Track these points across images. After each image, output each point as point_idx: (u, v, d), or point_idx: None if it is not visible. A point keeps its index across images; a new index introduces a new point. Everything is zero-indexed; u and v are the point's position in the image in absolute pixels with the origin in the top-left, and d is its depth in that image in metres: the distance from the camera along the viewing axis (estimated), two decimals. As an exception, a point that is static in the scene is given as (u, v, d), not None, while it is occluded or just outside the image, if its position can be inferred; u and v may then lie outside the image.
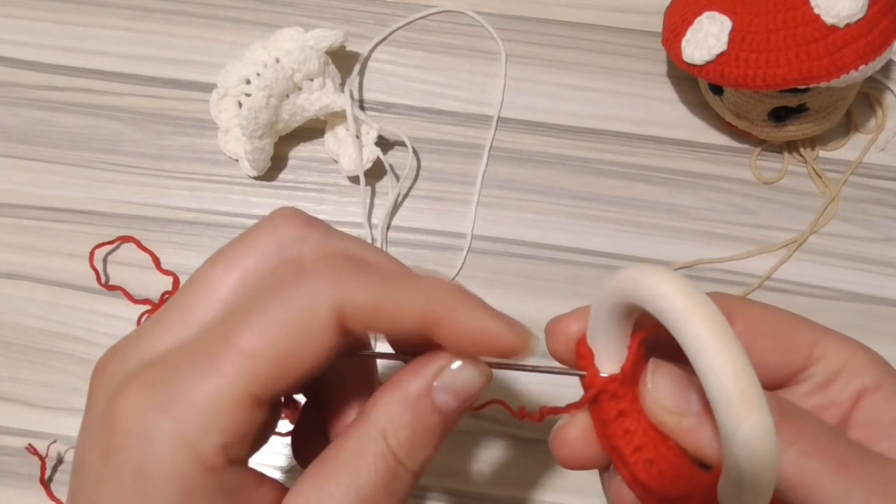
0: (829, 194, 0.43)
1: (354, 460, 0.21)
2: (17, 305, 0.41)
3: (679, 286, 0.19)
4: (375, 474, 0.21)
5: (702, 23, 0.39)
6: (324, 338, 0.20)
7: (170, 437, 0.19)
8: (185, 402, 0.19)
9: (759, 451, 0.18)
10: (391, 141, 0.44)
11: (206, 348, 0.20)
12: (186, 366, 0.20)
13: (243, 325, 0.20)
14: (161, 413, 0.19)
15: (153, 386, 0.19)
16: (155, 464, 0.19)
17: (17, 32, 0.46)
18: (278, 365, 0.20)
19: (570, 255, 0.42)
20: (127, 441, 0.19)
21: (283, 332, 0.20)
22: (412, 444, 0.21)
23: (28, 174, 0.43)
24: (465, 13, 0.46)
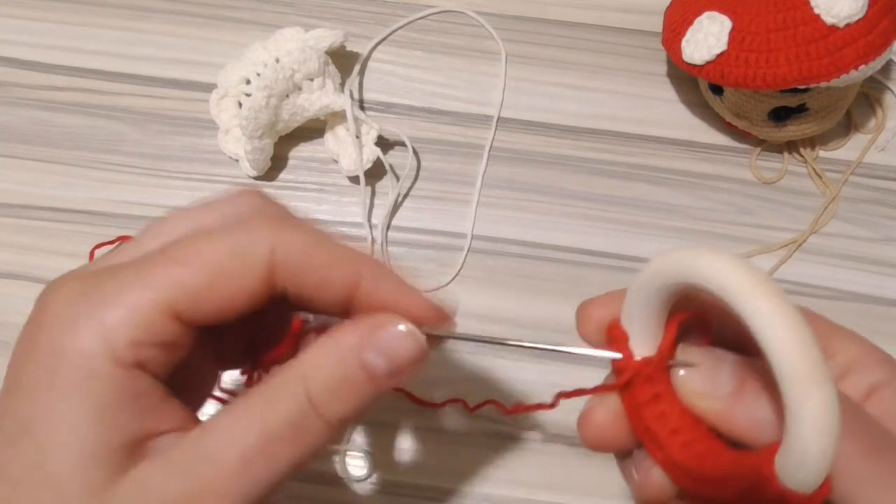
0: (829, 194, 0.43)
1: (271, 398, 0.21)
2: (17, 305, 0.41)
3: (741, 265, 0.19)
4: (286, 412, 0.21)
5: (702, 23, 0.39)
6: (253, 272, 0.21)
7: (87, 322, 0.20)
8: (109, 297, 0.20)
9: (825, 425, 0.18)
10: (391, 141, 0.44)
11: (142, 260, 0.21)
12: (120, 271, 0.21)
13: (181, 245, 0.21)
14: (85, 301, 0.20)
15: (85, 281, 0.21)
16: (68, 343, 0.20)
17: (17, 32, 0.46)
18: (204, 284, 0.20)
19: (570, 255, 0.42)
20: (50, 321, 0.20)
21: (215, 256, 0.21)
22: (330, 392, 0.21)
23: (28, 174, 0.43)
24: (465, 13, 0.46)
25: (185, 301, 0.20)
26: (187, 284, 0.20)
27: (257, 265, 0.21)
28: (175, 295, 0.20)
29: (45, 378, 0.20)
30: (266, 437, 0.20)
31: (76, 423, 0.20)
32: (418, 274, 0.23)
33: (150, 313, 0.20)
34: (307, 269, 0.21)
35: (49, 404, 0.20)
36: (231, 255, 0.21)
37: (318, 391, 0.21)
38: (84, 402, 0.20)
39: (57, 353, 0.20)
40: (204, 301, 0.21)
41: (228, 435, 0.20)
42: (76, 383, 0.20)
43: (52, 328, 0.20)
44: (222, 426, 0.21)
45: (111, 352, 0.20)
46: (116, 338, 0.20)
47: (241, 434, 0.20)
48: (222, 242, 0.21)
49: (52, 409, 0.20)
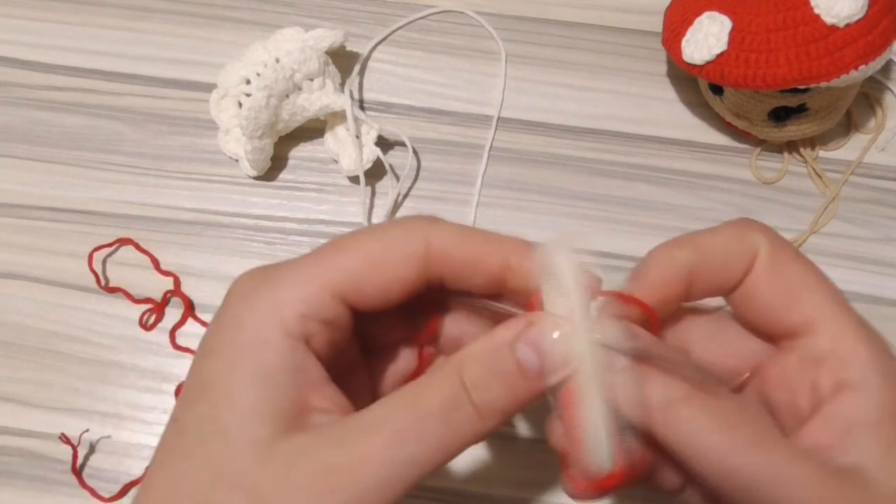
0: (829, 194, 0.43)
1: (427, 384, 0.22)
2: (17, 305, 0.41)
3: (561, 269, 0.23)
4: (440, 396, 0.22)
5: (702, 23, 0.39)
6: (410, 259, 0.23)
7: (263, 298, 0.23)
8: (284, 279, 0.23)
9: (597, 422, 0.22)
10: (391, 141, 0.44)
11: (313, 252, 0.24)
12: (294, 260, 0.24)
13: (346, 238, 0.24)
14: (264, 282, 0.23)
15: (265, 270, 0.24)
16: (246, 315, 0.22)
17: (17, 32, 0.46)
18: (366, 270, 0.23)
19: (570, 255, 0.42)
20: (233, 300, 0.23)
21: (375, 245, 0.23)
22: (483, 380, 0.22)
23: (28, 174, 0.43)
24: (465, 13, 0.46)
25: (348, 284, 0.23)
26: (351, 270, 0.23)
27: (413, 253, 0.23)
28: (339, 278, 0.23)
29: (224, 345, 0.22)
30: (419, 417, 0.22)
31: (246, 382, 0.22)
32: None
33: (316, 292, 0.23)
34: (460, 253, 0.24)
35: (225, 366, 0.22)
36: (391, 244, 0.23)
37: (472, 378, 0.22)
38: (255, 366, 0.22)
39: (236, 324, 0.22)
40: (366, 285, 0.23)
41: (384, 412, 0.22)
42: (250, 349, 0.22)
43: (234, 304, 0.23)
44: (379, 407, 0.22)
45: (281, 323, 0.22)
46: (287, 311, 0.22)
47: (395, 413, 0.22)
48: (382, 234, 0.24)
49: (226, 371, 0.22)
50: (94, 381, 0.40)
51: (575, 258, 0.23)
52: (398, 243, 0.23)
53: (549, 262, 0.23)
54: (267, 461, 0.21)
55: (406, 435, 0.21)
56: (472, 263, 0.24)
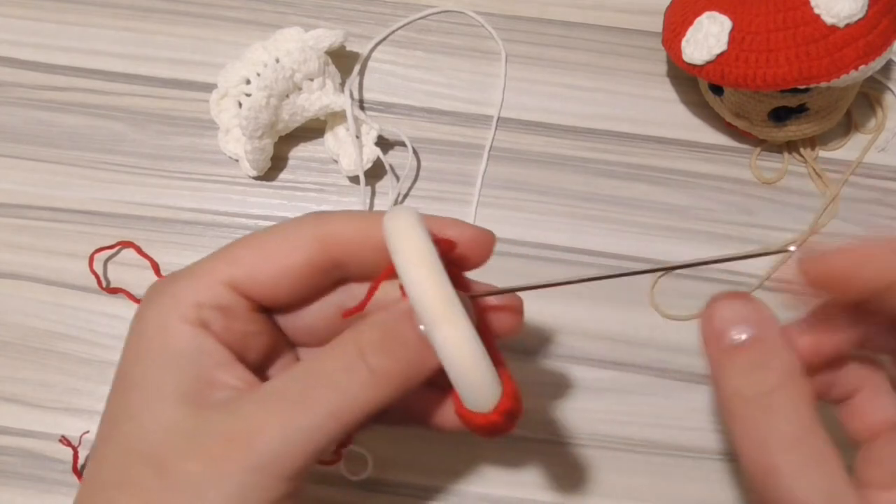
0: (829, 194, 0.43)
1: (323, 351, 0.24)
2: (17, 305, 0.41)
3: (392, 219, 0.23)
4: (332, 356, 0.23)
5: (702, 23, 0.39)
6: (298, 246, 0.25)
7: (163, 294, 0.25)
8: (180, 276, 0.25)
9: (458, 353, 0.22)
10: (391, 141, 0.44)
11: (211, 253, 0.26)
12: (195, 262, 0.26)
13: (242, 238, 0.26)
14: (166, 282, 0.25)
15: (173, 272, 0.26)
16: (149, 312, 0.25)
17: (17, 32, 0.46)
18: (257, 260, 0.25)
19: (571, 255, 0.42)
20: (143, 302, 0.25)
21: (266, 239, 0.25)
22: (379, 344, 0.23)
23: (28, 174, 0.43)
24: (465, 13, 0.46)
25: (240, 273, 0.25)
26: (242, 261, 0.25)
27: (301, 239, 0.25)
28: (231, 269, 0.25)
29: (133, 341, 0.25)
30: (313, 381, 0.23)
31: (149, 367, 0.24)
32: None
33: (209, 282, 0.25)
34: (348, 233, 0.25)
35: (133, 356, 0.24)
36: (280, 234, 0.25)
37: (370, 342, 0.23)
38: (157, 352, 0.24)
39: (142, 320, 0.25)
40: (257, 273, 0.25)
41: (280, 383, 0.23)
42: (152, 338, 0.24)
43: (142, 305, 0.25)
44: (278, 378, 0.24)
45: (179, 312, 0.24)
46: (183, 302, 0.24)
47: (290, 382, 0.23)
48: (274, 228, 0.25)
49: (134, 360, 0.24)
50: (94, 381, 0.40)
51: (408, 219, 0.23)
52: (288, 234, 0.25)
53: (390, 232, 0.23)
54: (171, 435, 0.23)
55: (295, 403, 0.22)
56: (360, 237, 0.25)
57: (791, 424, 0.22)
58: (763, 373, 0.23)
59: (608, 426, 0.39)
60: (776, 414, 0.22)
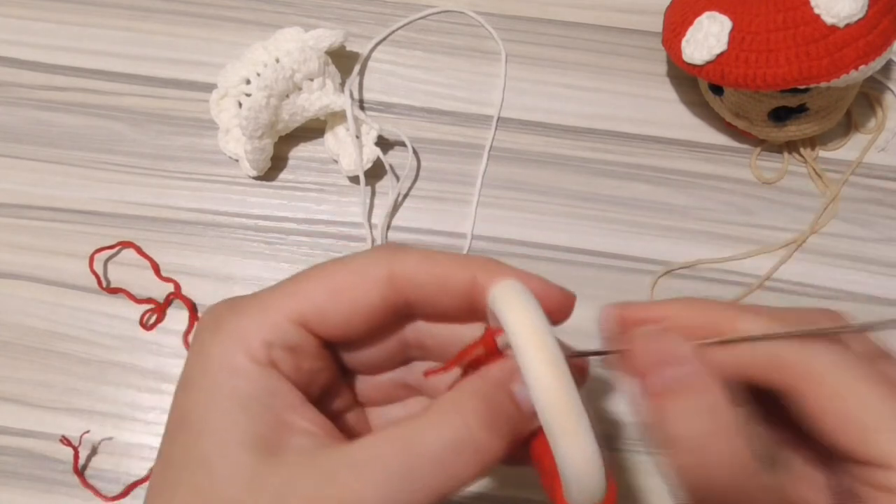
0: (829, 194, 0.43)
1: (424, 421, 0.22)
2: (17, 305, 0.41)
3: (522, 320, 0.22)
4: (437, 427, 0.22)
5: (702, 23, 0.39)
6: (372, 286, 0.23)
7: (228, 328, 0.23)
8: (247, 309, 0.23)
9: (582, 469, 0.21)
10: (391, 141, 0.44)
11: (278, 283, 0.24)
12: (260, 292, 0.24)
13: (311, 269, 0.24)
14: (229, 313, 0.23)
15: (230, 301, 0.24)
16: (214, 346, 0.23)
17: (17, 32, 0.46)
18: (328, 297, 0.23)
19: (571, 255, 0.42)
20: (202, 332, 0.24)
21: (338, 274, 0.24)
22: (484, 418, 0.22)
23: (28, 174, 0.43)
24: (465, 13, 0.46)
25: (310, 311, 0.23)
26: (312, 297, 0.23)
27: (376, 278, 0.24)
28: (301, 306, 0.23)
29: (196, 376, 0.23)
30: (417, 455, 0.21)
31: (221, 410, 0.22)
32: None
33: (278, 319, 0.23)
34: (424, 273, 0.24)
35: (199, 396, 0.23)
36: (353, 271, 0.24)
37: (471, 415, 0.22)
38: (228, 394, 0.22)
39: (205, 355, 0.23)
40: (328, 311, 0.23)
41: (376, 450, 0.21)
42: (221, 378, 0.22)
43: (202, 336, 0.23)
44: (372, 442, 0.22)
45: (247, 350, 0.23)
46: (251, 339, 0.23)
47: (388, 452, 0.21)
48: (345, 263, 0.24)
49: (202, 401, 0.22)
50: (94, 381, 0.40)
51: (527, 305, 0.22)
52: (360, 270, 0.24)
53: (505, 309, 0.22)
54: (254, 489, 0.21)
55: (398, 477, 0.21)
56: (437, 282, 0.24)
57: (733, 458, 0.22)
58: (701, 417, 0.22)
59: (608, 426, 0.39)
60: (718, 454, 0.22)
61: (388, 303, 0.24)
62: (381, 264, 0.24)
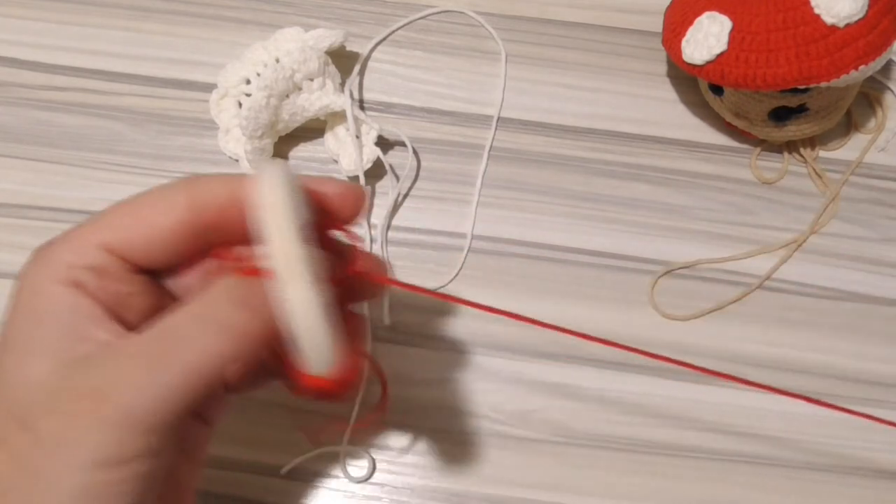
0: (829, 194, 0.43)
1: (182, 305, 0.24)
2: (17, 305, 0.41)
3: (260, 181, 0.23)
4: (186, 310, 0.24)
5: (702, 23, 0.39)
6: (170, 206, 0.25)
7: (39, 256, 0.25)
8: (56, 240, 0.26)
9: (304, 313, 0.22)
10: (391, 141, 0.44)
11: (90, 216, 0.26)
12: (69, 229, 0.26)
13: (116, 203, 0.26)
14: (43, 245, 0.26)
15: (48, 241, 0.26)
16: (25, 275, 0.25)
17: (17, 32, 0.46)
18: (129, 221, 0.25)
19: (571, 255, 0.42)
20: (19, 275, 0.25)
21: (139, 200, 0.26)
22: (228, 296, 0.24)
23: (28, 174, 0.43)
24: (465, 13, 0.46)
25: (113, 234, 0.25)
26: (115, 222, 0.25)
27: (174, 202, 0.25)
28: (104, 230, 0.25)
29: (9, 304, 0.25)
30: (168, 335, 0.23)
31: (20, 326, 0.24)
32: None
33: (83, 244, 0.25)
34: (219, 193, 0.25)
35: (8, 320, 0.25)
36: (152, 197, 0.26)
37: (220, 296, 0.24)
38: (28, 311, 0.25)
39: (18, 285, 0.25)
40: (131, 233, 0.25)
41: (139, 337, 0.24)
42: (25, 298, 0.25)
43: (19, 272, 0.26)
44: (138, 333, 0.24)
45: (52, 273, 0.25)
46: (56, 263, 0.25)
47: (148, 336, 0.24)
48: (147, 192, 0.26)
49: (8, 323, 0.25)
50: (94, 381, 0.40)
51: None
52: (159, 194, 0.26)
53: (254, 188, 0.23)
54: (35, 391, 0.23)
55: (151, 358, 0.23)
56: (231, 201, 0.25)
57: None
58: None
59: (608, 426, 0.39)
60: None
61: (188, 225, 0.25)
62: (179, 190, 0.26)
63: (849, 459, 0.39)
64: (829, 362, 0.40)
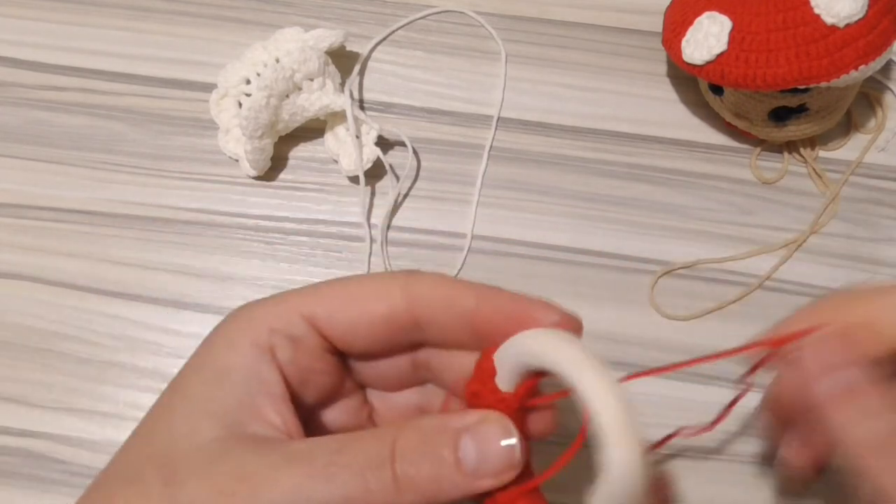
0: (829, 194, 0.43)
1: (362, 433, 0.23)
2: (17, 305, 0.41)
3: (568, 346, 0.23)
4: (364, 447, 0.22)
5: (702, 23, 0.39)
6: (383, 296, 0.25)
7: (243, 313, 0.25)
8: (266, 301, 0.25)
9: (628, 470, 0.22)
10: (391, 141, 0.44)
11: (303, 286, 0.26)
12: (279, 294, 0.26)
13: (331, 280, 0.26)
14: (250, 304, 0.26)
15: (256, 300, 0.26)
16: (222, 328, 0.25)
17: (17, 32, 0.46)
18: (339, 300, 0.25)
19: (571, 255, 0.42)
20: (224, 318, 0.25)
21: (352, 283, 0.25)
22: (412, 453, 0.22)
23: (28, 174, 0.43)
24: (465, 13, 0.46)
25: (320, 309, 0.25)
26: (325, 298, 0.25)
27: (388, 291, 0.25)
28: (313, 303, 0.25)
29: (198, 352, 0.25)
30: (336, 462, 0.22)
31: (202, 378, 0.24)
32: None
33: (288, 311, 0.25)
34: (433, 293, 0.25)
35: (193, 365, 0.25)
36: (367, 282, 0.25)
37: (402, 446, 0.22)
38: (216, 365, 0.24)
39: (213, 335, 0.25)
40: (337, 312, 0.25)
41: (311, 447, 0.23)
42: (216, 352, 0.24)
43: (218, 324, 0.25)
44: (313, 441, 0.23)
45: (251, 333, 0.24)
46: (258, 324, 0.24)
47: (319, 451, 0.22)
48: (363, 276, 0.26)
49: (193, 369, 0.25)
50: (94, 381, 0.40)
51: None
52: (375, 281, 0.25)
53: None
54: (194, 452, 0.23)
55: (318, 474, 0.22)
56: (444, 301, 0.25)
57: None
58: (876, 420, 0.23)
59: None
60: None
61: (398, 316, 0.25)
62: (396, 279, 0.25)
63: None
64: (829, 362, 0.40)
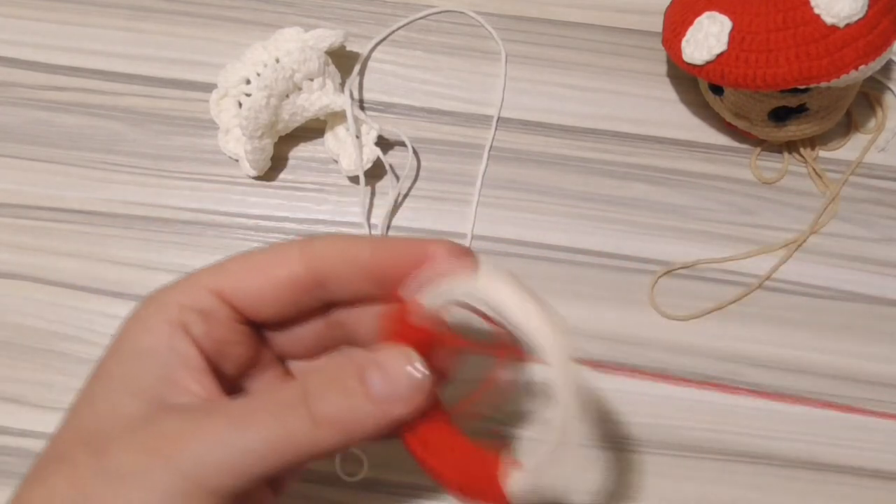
0: (829, 194, 0.43)
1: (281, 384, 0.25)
2: (17, 305, 0.41)
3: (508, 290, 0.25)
4: (283, 388, 0.24)
5: (702, 23, 0.39)
6: (285, 261, 0.26)
7: (155, 296, 0.26)
8: (176, 282, 0.26)
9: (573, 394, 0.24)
10: (391, 141, 0.44)
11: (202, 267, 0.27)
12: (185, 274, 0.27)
13: (234, 255, 0.27)
14: (159, 291, 0.26)
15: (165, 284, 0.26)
16: (135, 316, 0.26)
17: (17, 32, 0.46)
18: (244, 271, 0.26)
19: (570, 255, 0.42)
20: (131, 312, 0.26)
21: (256, 254, 0.26)
22: (321, 389, 0.23)
23: (28, 174, 0.43)
24: (465, 13, 0.46)
25: (227, 282, 0.26)
26: (229, 271, 0.26)
27: (288, 257, 0.26)
28: (217, 278, 0.26)
29: (116, 337, 0.26)
30: (258, 407, 0.23)
31: (119, 360, 0.25)
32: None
33: (196, 287, 0.26)
34: (331, 252, 0.26)
35: (111, 351, 0.25)
36: (268, 252, 0.26)
37: (313, 384, 0.23)
38: (130, 346, 0.25)
39: (128, 320, 0.26)
40: (243, 283, 0.26)
41: (233, 401, 0.24)
42: (131, 334, 0.25)
43: (132, 309, 0.26)
44: (233, 399, 0.24)
45: (163, 312, 0.25)
46: (168, 303, 0.25)
47: (240, 401, 0.24)
48: (263, 248, 0.27)
49: (110, 354, 0.25)
50: (94, 381, 0.40)
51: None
52: (275, 250, 0.26)
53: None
54: (117, 424, 0.23)
55: (236, 422, 0.23)
56: (343, 257, 0.26)
57: None
58: None
59: (607, 426, 0.39)
60: None
61: (300, 279, 0.26)
62: (294, 244, 0.26)
63: (847, 459, 0.39)
64: (829, 362, 0.40)
